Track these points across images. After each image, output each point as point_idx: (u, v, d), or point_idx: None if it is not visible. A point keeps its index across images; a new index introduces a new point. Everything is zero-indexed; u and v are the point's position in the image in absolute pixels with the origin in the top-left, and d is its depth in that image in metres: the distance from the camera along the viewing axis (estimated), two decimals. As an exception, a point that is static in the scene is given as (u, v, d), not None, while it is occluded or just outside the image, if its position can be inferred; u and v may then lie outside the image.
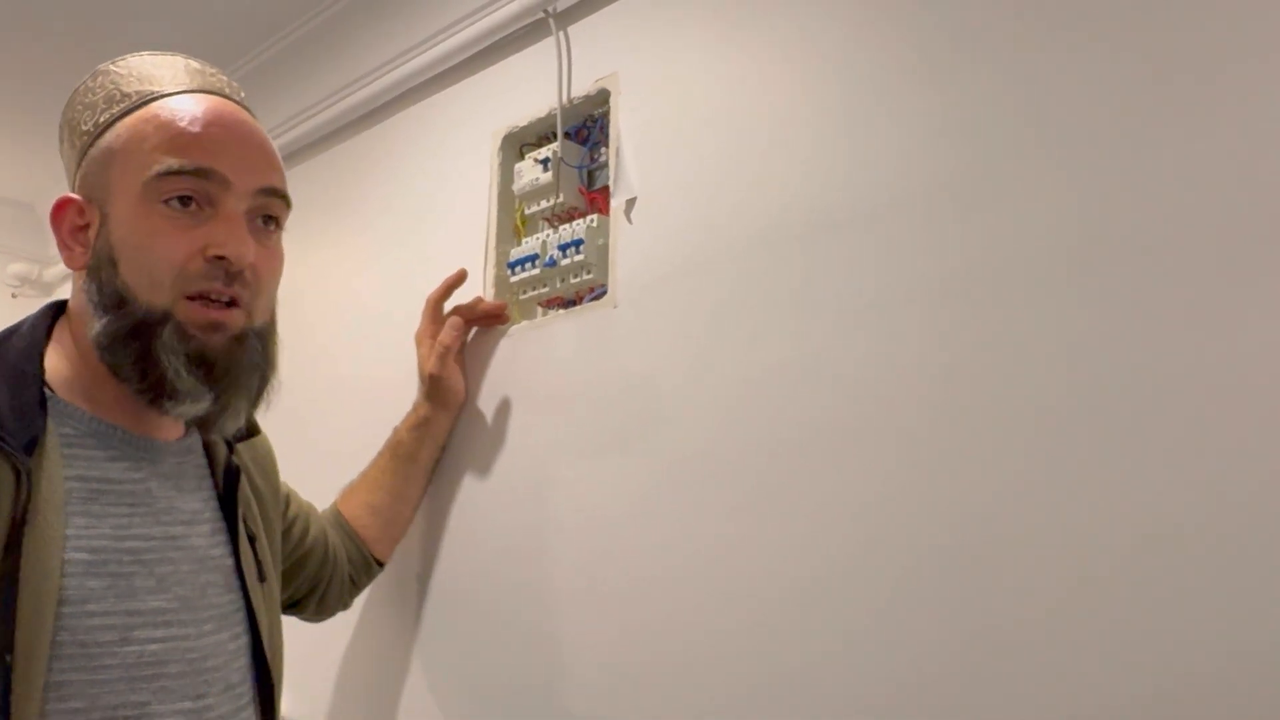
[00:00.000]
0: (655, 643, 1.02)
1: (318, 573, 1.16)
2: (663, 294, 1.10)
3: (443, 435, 1.28)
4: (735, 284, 1.03)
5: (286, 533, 1.11)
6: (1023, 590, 0.79)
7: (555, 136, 1.25)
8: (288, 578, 1.12)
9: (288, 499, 1.13)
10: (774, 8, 1.06)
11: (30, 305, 2.46)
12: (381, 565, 1.26)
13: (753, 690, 0.94)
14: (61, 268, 2.47)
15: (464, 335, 1.26)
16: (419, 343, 1.27)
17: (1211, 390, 0.72)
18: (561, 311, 1.23)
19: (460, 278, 1.28)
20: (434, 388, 1.24)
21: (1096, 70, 0.81)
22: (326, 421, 1.51)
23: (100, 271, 0.85)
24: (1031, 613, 0.78)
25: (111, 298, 0.84)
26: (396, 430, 1.26)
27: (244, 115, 0.90)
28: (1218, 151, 0.74)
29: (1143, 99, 0.79)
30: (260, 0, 1.60)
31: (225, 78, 0.94)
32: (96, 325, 0.84)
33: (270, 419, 1.05)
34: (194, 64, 0.93)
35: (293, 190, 0.94)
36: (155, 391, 0.83)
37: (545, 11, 1.29)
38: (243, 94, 0.95)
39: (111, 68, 0.91)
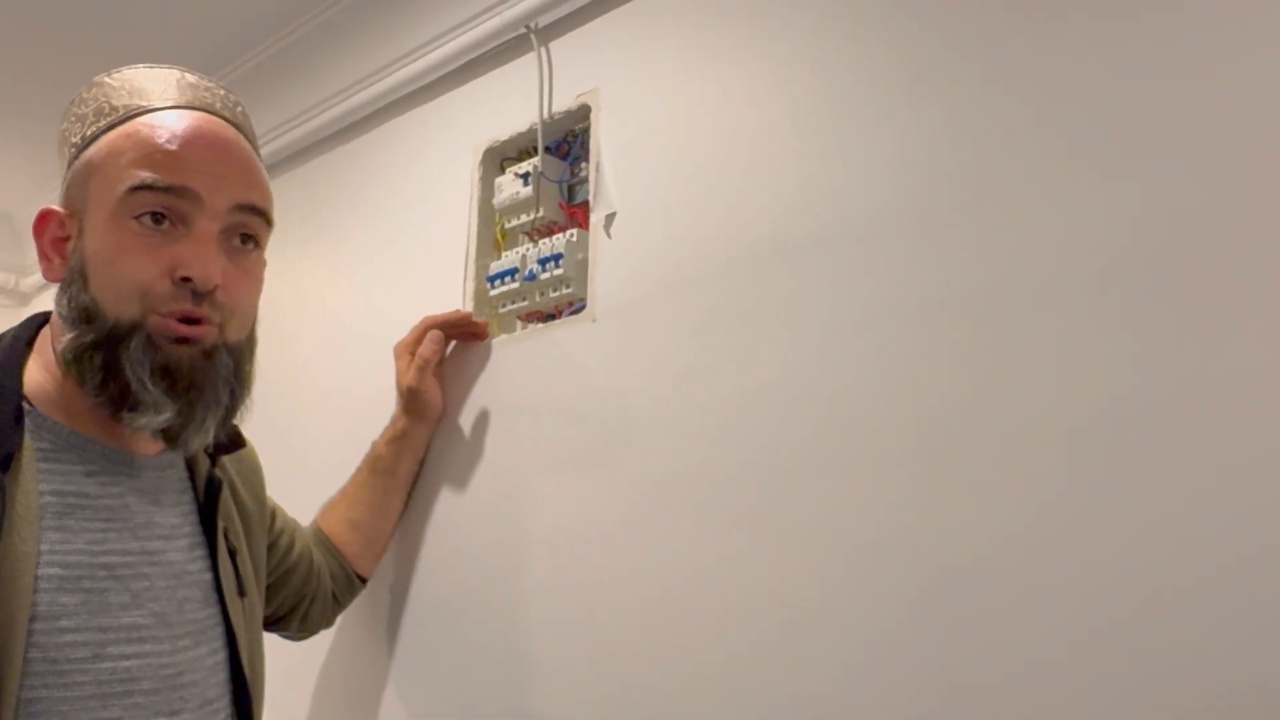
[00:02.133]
0: (633, 661, 1.02)
1: (301, 588, 1.15)
2: (642, 309, 1.10)
3: (421, 448, 1.28)
4: (716, 301, 1.04)
5: (272, 546, 1.10)
6: (1017, 616, 0.78)
7: (536, 151, 1.26)
8: (272, 592, 1.11)
9: (274, 513, 1.13)
10: (757, 24, 1.07)
11: (6, 315, 2.45)
12: (364, 581, 1.26)
13: (735, 710, 0.94)
14: (38, 277, 2.46)
15: (443, 350, 1.26)
16: (398, 356, 1.27)
17: (1219, 409, 0.72)
18: (540, 325, 1.24)
19: (465, 318, 1.27)
20: (412, 401, 1.24)
21: (1090, 82, 0.82)
22: (306, 434, 1.50)
23: (71, 285, 0.84)
24: (1023, 639, 0.78)
25: (80, 312, 0.83)
26: (375, 445, 1.26)
27: (227, 132, 0.89)
28: (1221, 159, 0.74)
29: (1139, 109, 0.79)
30: (239, 14, 1.60)
31: (223, 93, 0.93)
32: (65, 339, 0.83)
33: (249, 431, 1.04)
34: (190, 77, 0.92)
35: (275, 203, 0.94)
36: (116, 402, 0.82)
37: (527, 27, 1.29)
38: (240, 109, 0.94)
39: (106, 79, 0.90)
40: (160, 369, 0.82)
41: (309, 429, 1.50)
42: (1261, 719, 0.66)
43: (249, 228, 0.88)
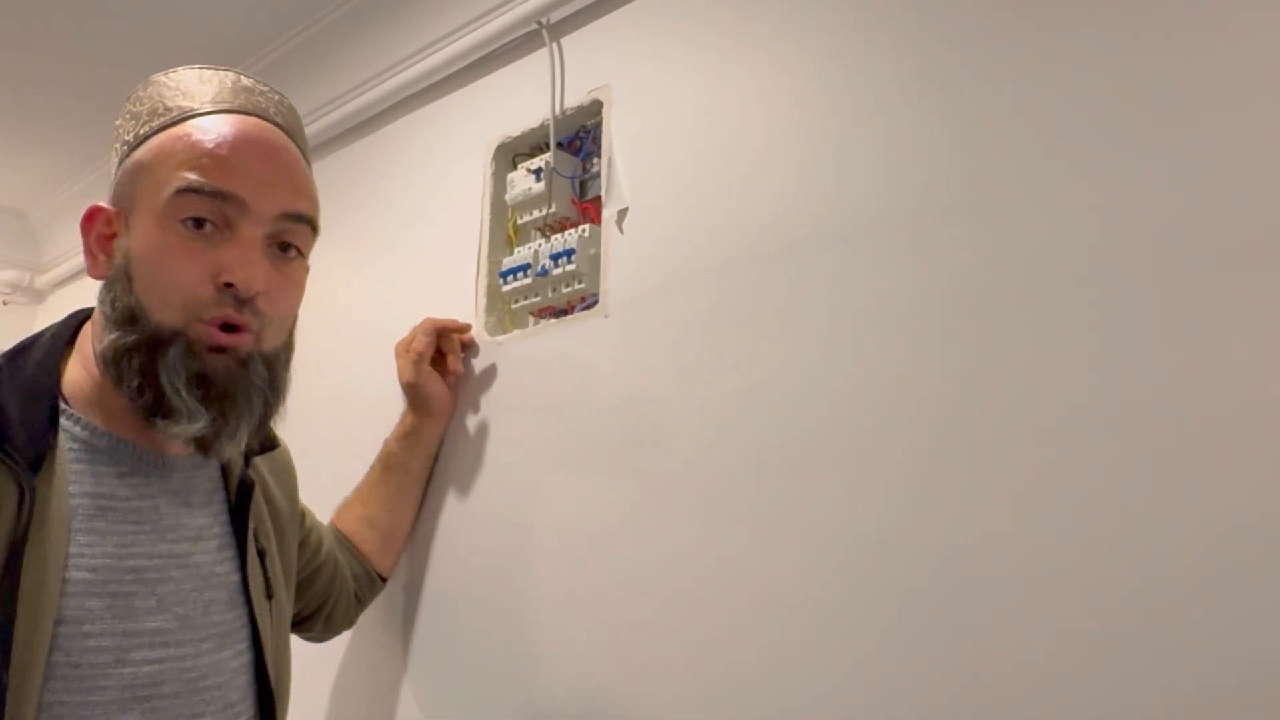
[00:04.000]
0: (646, 658, 1.02)
1: (328, 588, 1.15)
2: (654, 305, 1.10)
3: (432, 444, 1.28)
4: (727, 296, 1.04)
5: (303, 545, 1.10)
6: (1018, 612, 0.78)
7: (548, 147, 1.26)
8: (299, 592, 1.11)
9: (303, 513, 1.13)
10: (766, 22, 1.07)
11: (21, 313, 2.47)
12: (384, 580, 1.26)
13: (741, 705, 0.94)
14: (52, 275, 2.47)
15: (434, 343, 1.26)
16: (397, 355, 1.27)
17: (1218, 406, 0.72)
18: (553, 321, 1.24)
19: (458, 324, 1.28)
20: (413, 396, 1.25)
21: (1091, 80, 0.82)
22: (319, 431, 1.51)
23: (116, 285, 0.84)
24: (1024, 633, 0.78)
25: (124, 313, 0.83)
26: (386, 442, 1.27)
27: (277, 138, 0.88)
28: (1218, 160, 0.74)
29: (1137, 109, 0.79)
30: (253, 12, 1.61)
31: (277, 98, 0.93)
32: (106, 339, 0.83)
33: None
34: (245, 80, 0.92)
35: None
36: (151, 409, 0.82)
37: (539, 23, 1.29)
38: (293, 115, 0.94)
39: (163, 79, 0.90)
40: (196, 377, 0.82)
41: (322, 426, 1.51)
42: (1256, 709, 0.67)
43: (293, 236, 0.88)
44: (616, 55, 1.22)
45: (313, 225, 0.89)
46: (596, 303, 1.18)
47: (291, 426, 1.26)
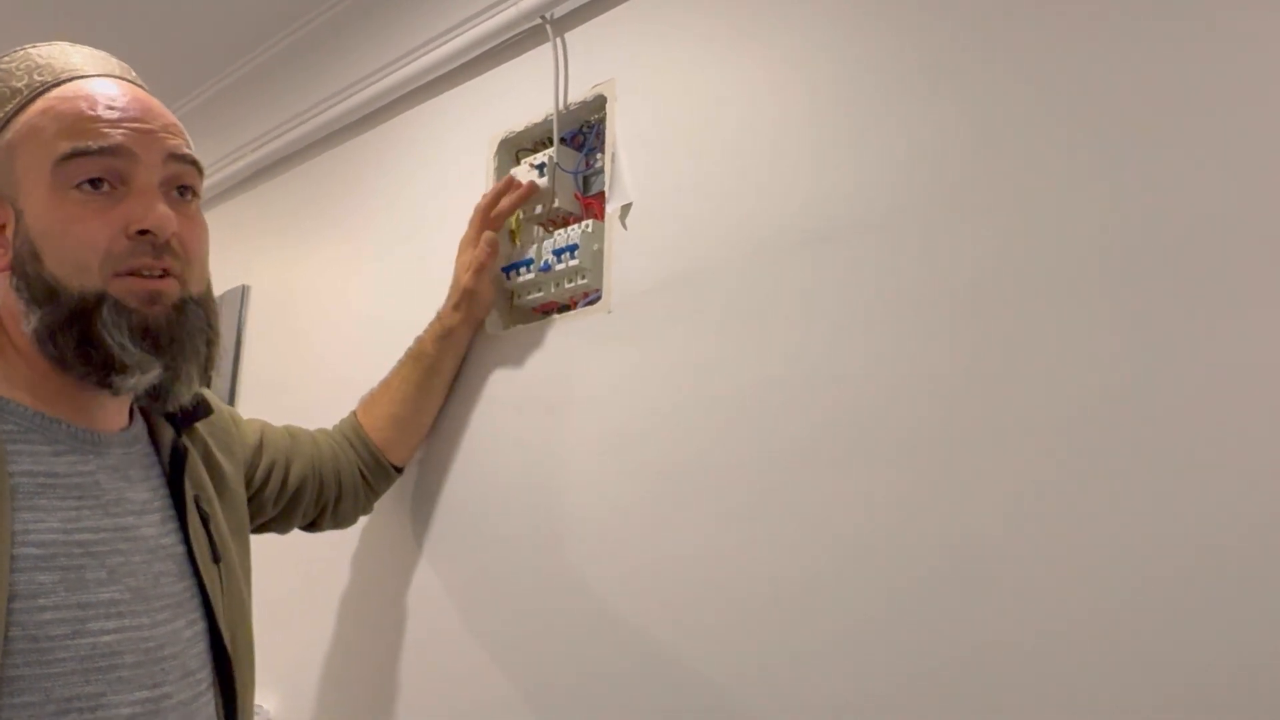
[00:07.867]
0: (645, 651, 1.03)
1: (319, 496, 1.22)
2: (657, 300, 1.10)
3: (463, 346, 1.31)
4: (730, 292, 1.04)
5: (264, 485, 1.14)
6: (1019, 607, 0.79)
7: (551, 142, 1.26)
8: (289, 512, 1.19)
9: (259, 449, 1.14)
10: (773, 16, 1.07)
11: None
12: (399, 470, 1.31)
13: (743, 699, 0.94)
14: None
15: (498, 250, 1.28)
16: (461, 251, 1.29)
17: (1228, 404, 0.72)
18: (556, 316, 1.24)
19: (507, 186, 1.27)
20: (466, 301, 1.27)
21: (1107, 72, 0.81)
22: (320, 425, 1.51)
23: (25, 267, 0.84)
24: (1026, 629, 0.78)
25: (41, 290, 0.83)
26: (420, 341, 1.29)
27: (138, 89, 0.89)
28: (1232, 157, 0.74)
29: (1151, 105, 0.78)
30: (257, 3, 1.61)
31: (116, 60, 0.93)
32: (34, 320, 0.83)
33: (262, 418, 1.05)
34: (82, 48, 0.91)
35: (290, 194, 0.94)
36: (103, 370, 0.83)
37: (543, 18, 1.29)
38: (133, 74, 0.94)
39: None
40: (140, 330, 0.83)
41: (324, 419, 1.51)
42: (1256, 708, 0.67)
43: (185, 178, 0.88)
44: (620, 50, 1.22)
45: (198, 166, 0.90)
46: (599, 298, 1.18)
47: (294, 419, 1.26)
